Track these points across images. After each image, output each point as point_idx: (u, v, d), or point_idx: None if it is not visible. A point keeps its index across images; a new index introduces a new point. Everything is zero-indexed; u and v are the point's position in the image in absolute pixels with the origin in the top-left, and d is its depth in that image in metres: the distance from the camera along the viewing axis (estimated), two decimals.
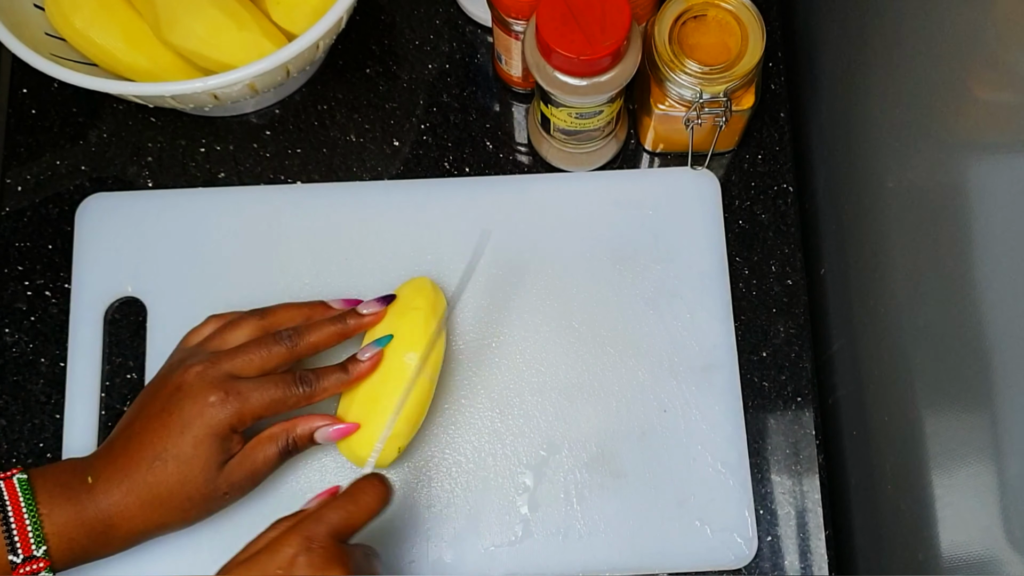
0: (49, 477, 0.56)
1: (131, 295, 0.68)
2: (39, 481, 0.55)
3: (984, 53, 0.48)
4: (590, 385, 0.66)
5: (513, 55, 0.68)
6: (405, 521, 0.64)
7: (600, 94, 0.61)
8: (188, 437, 0.56)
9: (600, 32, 0.58)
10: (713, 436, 0.65)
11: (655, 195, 0.70)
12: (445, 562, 0.63)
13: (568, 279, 0.68)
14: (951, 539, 0.55)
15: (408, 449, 0.64)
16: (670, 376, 0.67)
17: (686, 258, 0.69)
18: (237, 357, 0.58)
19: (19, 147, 0.71)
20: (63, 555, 0.55)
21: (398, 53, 0.74)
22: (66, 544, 0.55)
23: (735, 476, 0.65)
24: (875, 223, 0.63)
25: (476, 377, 0.66)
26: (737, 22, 0.64)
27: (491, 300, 0.68)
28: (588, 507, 0.64)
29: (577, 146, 0.68)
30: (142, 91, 0.62)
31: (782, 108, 0.73)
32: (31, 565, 0.54)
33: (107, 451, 0.58)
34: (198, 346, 0.60)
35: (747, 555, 0.64)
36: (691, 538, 0.64)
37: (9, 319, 0.68)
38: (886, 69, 0.60)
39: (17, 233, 0.69)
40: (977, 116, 0.50)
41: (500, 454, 0.65)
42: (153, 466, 0.56)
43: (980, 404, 0.50)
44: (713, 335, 0.67)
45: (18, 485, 0.55)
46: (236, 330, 0.60)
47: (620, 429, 0.65)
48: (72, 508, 0.55)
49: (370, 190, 0.70)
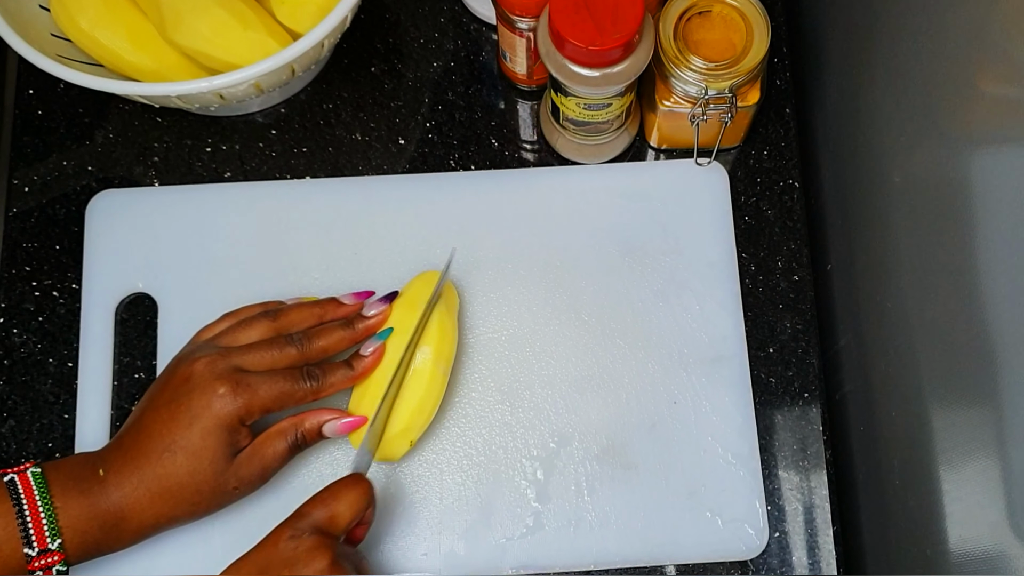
0: (62, 470, 0.56)
1: (142, 291, 0.68)
2: (52, 475, 0.56)
3: (990, 47, 0.48)
4: (600, 377, 0.67)
5: (518, 53, 0.68)
6: (418, 513, 0.64)
7: (611, 85, 0.61)
8: (197, 429, 0.56)
9: (611, 23, 0.58)
10: (723, 427, 0.66)
11: (663, 187, 0.70)
12: (458, 554, 0.64)
13: (577, 271, 0.68)
14: (959, 534, 0.55)
15: (419, 442, 0.64)
16: (680, 368, 0.67)
17: (695, 250, 0.69)
18: (247, 354, 0.58)
19: (26, 148, 0.71)
20: (76, 548, 0.55)
21: (403, 51, 0.74)
22: (79, 537, 0.55)
23: (746, 467, 0.65)
24: (882, 218, 0.63)
25: (486, 370, 0.67)
26: (742, 18, 0.63)
27: (500, 293, 0.68)
28: (599, 499, 0.65)
29: (587, 137, 0.68)
30: (148, 91, 0.62)
31: (787, 104, 0.73)
32: (46, 558, 0.54)
33: (118, 444, 0.58)
34: (208, 341, 0.61)
35: (758, 546, 0.64)
36: (702, 529, 0.64)
37: (17, 319, 0.68)
38: (891, 64, 0.60)
39: (25, 234, 0.70)
40: (983, 110, 0.50)
41: (511, 446, 0.65)
42: (163, 458, 0.56)
43: (987, 399, 0.50)
44: (723, 326, 0.67)
45: (32, 479, 0.55)
46: (248, 329, 0.60)
47: (630, 421, 0.66)
48: (85, 501, 0.55)
49: (379, 184, 0.70)
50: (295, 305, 0.62)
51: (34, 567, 0.54)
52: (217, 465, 0.56)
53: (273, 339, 0.60)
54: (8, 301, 0.68)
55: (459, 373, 0.66)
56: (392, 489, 0.65)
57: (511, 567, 0.64)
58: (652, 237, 0.69)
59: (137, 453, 0.56)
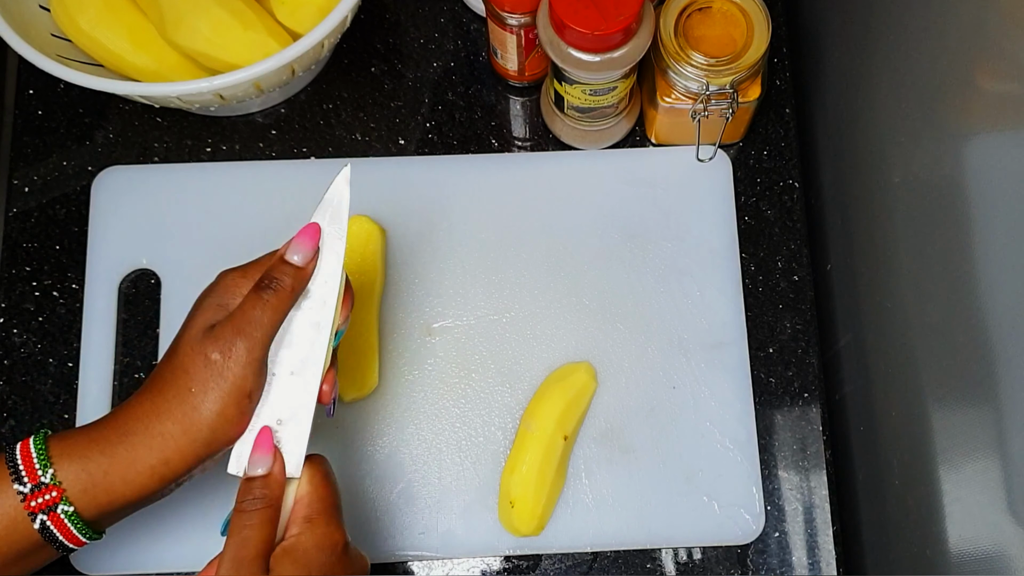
0: (61, 433, 0.52)
1: (145, 267, 0.68)
2: (52, 438, 0.52)
3: (990, 45, 0.48)
4: (600, 361, 0.67)
5: (508, 49, 0.68)
6: (416, 493, 0.65)
7: (613, 70, 0.61)
8: (184, 331, 0.52)
9: (613, 7, 0.58)
10: (722, 413, 0.66)
11: (666, 173, 0.70)
12: (455, 534, 0.64)
13: (579, 256, 0.69)
14: (959, 534, 0.54)
15: (419, 423, 0.66)
16: (680, 353, 0.67)
17: (696, 236, 0.69)
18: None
19: (26, 148, 0.71)
20: (79, 486, 0.50)
21: (403, 51, 0.74)
22: (79, 465, 0.50)
23: (743, 453, 0.65)
24: (882, 218, 0.63)
25: (487, 352, 0.67)
26: (742, 13, 0.64)
27: (502, 276, 0.68)
28: (596, 481, 0.65)
29: (590, 124, 0.68)
30: (148, 91, 0.62)
31: (787, 104, 0.73)
32: (42, 495, 0.49)
33: (134, 397, 0.53)
34: None
35: (754, 531, 0.64)
36: (699, 513, 0.64)
37: (18, 319, 0.68)
38: (891, 63, 0.60)
39: (25, 234, 0.70)
40: (983, 108, 0.49)
41: (510, 428, 0.66)
42: (184, 399, 0.51)
43: (987, 399, 0.50)
44: (723, 313, 0.68)
45: (32, 438, 0.51)
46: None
47: (629, 405, 0.66)
48: (83, 433, 0.51)
49: (383, 165, 0.70)
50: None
51: (31, 507, 0.49)
52: (194, 334, 0.51)
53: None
54: (8, 301, 0.68)
55: (460, 355, 0.67)
56: (390, 468, 0.65)
57: (508, 547, 0.64)
58: (654, 223, 0.69)
59: (149, 402, 0.52)
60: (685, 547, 0.64)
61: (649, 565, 0.64)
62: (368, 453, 0.65)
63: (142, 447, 0.51)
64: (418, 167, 0.70)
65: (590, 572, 0.65)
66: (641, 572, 0.64)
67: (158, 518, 0.64)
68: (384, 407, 0.66)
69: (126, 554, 0.63)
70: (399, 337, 0.67)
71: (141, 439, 0.51)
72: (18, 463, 0.50)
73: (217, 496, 0.64)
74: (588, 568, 0.65)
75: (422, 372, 0.67)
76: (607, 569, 0.64)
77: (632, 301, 0.68)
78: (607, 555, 0.65)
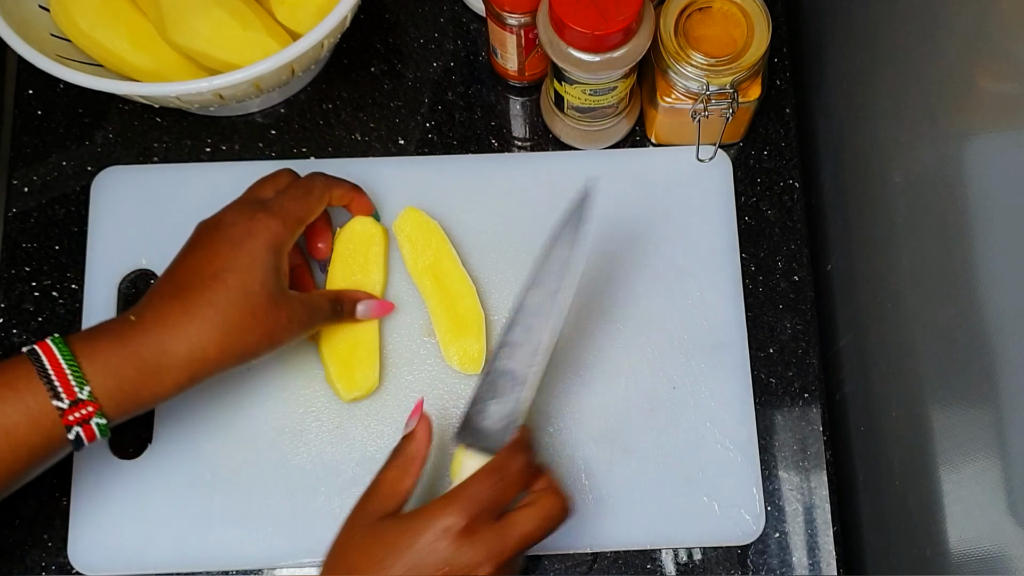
0: (85, 332, 0.54)
1: (145, 267, 0.68)
2: (73, 336, 0.53)
3: (991, 44, 0.48)
4: (599, 361, 0.67)
5: (508, 49, 0.68)
6: (417, 493, 0.64)
7: (614, 70, 0.61)
8: (243, 251, 0.55)
9: (613, 7, 0.58)
10: (722, 413, 0.66)
11: (666, 173, 0.70)
12: None
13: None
14: (959, 534, 0.54)
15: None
16: (680, 353, 0.67)
17: (696, 236, 0.69)
18: (264, 190, 0.61)
19: (25, 148, 0.71)
20: (112, 397, 0.52)
21: (403, 51, 0.74)
22: (114, 382, 0.52)
23: (743, 453, 0.65)
24: (882, 218, 0.63)
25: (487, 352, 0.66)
26: (742, 13, 0.64)
27: (501, 276, 0.68)
28: (596, 482, 0.65)
29: (591, 124, 0.68)
30: (147, 91, 0.62)
31: (788, 104, 0.73)
32: (80, 409, 0.51)
33: (151, 294, 0.55)
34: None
35: (754, 531, 0.64)
36: (699, 514, 0.64)
37: (17, 319, 0.68)
38: (891, 62, 0.60)
39: (24, 234, 0.70)
40: (983, 108, 0.49)
41: None
42: (211, 284, 0.54)
43: (987, 399, 0.50)
44: (723, 313, 0.68)
45: (51, 342, 0.52)
46: (265, 183, 0.62)
47: (629, 405, 0.66)
48: (113, 345, 0.52)
49: (381, 166, 0.70)
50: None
51: (68, 421, 0.51)
52: (269, 287, 0.55)
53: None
54: (8, 301, 0.68)
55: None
56: None
57: None
58: (654, 222, 0.69)
59: (178, 289, 0.54)
60: (685, 547, 0.64)
61: (649, 565, 0.64)
62: (368, 453, 0.65)
63: (183, 371, 0.53)
64: (418, 167, 0.70)
65: (590, 572, 0.65)
66: (641, 572, 0.64)
67: (158, 518, 0.64)
68: (384, 407, 0.66)
69: (126, 554, 0.63)
70: (399, 337, 0.67)
71: (183, 363, 0.53)
72: (51, 377, 0.51)
73: (217, 497, 0.64)
74: (588, 568, 0.65)
75: (422, 372, 0.67)
76: (607, 569, 0.64)
77: (632, 300, 0.68)
78: (607, 555, 0.65)
